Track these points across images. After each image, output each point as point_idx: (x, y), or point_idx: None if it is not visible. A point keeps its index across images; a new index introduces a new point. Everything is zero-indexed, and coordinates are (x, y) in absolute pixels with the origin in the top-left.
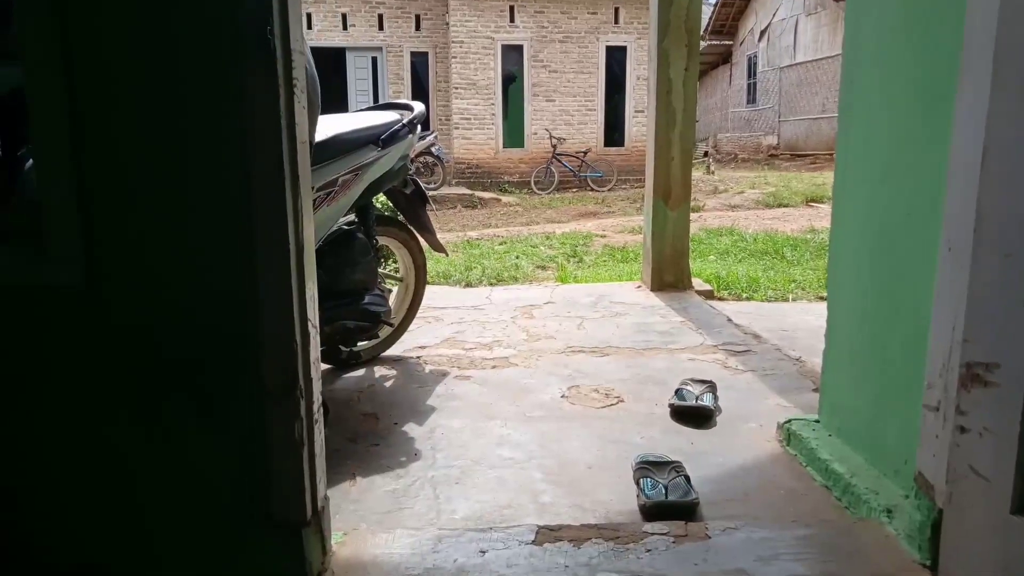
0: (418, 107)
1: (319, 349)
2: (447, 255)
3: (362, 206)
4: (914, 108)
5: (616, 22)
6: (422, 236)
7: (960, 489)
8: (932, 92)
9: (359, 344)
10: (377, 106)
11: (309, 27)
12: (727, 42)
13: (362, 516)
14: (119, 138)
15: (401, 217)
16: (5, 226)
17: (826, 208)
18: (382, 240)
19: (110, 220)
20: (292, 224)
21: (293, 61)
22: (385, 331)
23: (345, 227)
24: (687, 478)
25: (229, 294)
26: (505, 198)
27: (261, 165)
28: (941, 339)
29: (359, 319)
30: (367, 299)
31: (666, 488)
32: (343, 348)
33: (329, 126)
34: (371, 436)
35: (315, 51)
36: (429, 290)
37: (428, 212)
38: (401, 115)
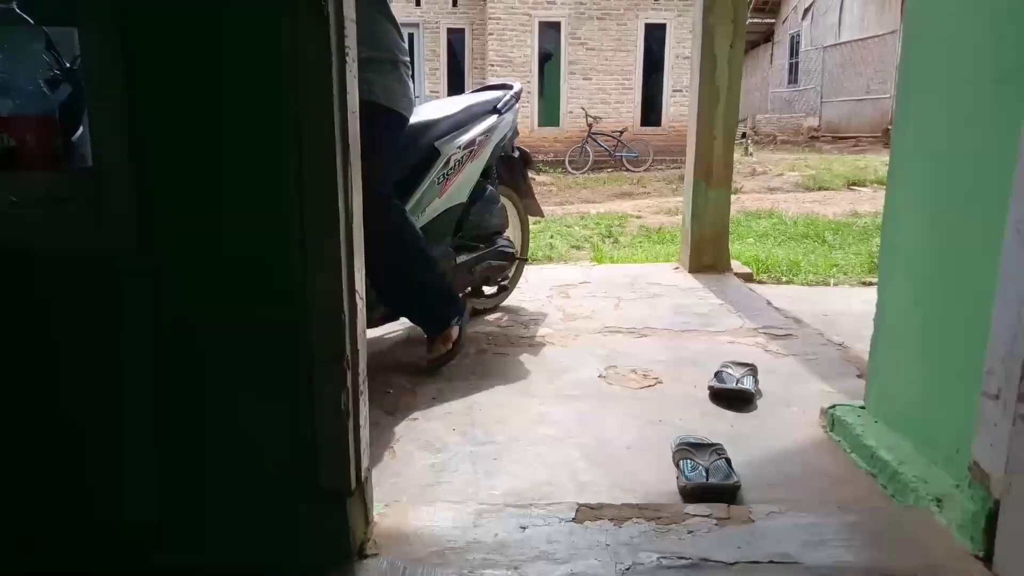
0: (517, 85)
1: (366, 320)
2: (543, 217)
3: (486, 166)
4: (981, 85)
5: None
6: (521, 198)
7: (1020, 480)
8: (1001, 68)
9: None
10: (478, 88)
11: None
12: (769, 20)
13: (402, 489)
14: (171, 102)
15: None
16: (60, 190)
17: (869, 192)
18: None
19: (163, 184)
20: (342, 194)
21: (345, 29)
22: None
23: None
24: (728, 461)
25: (280, 262)
26: (540, 177)
27: (312, 133)
28: (1005, 325)
29: (499, 258)
30: (500, 241)
31: (707, 471)
32: (484, 289)
33: (458, 101)
34: (410, 410)
35: None
36: None
37: (529, 178)
38: (504, 92)
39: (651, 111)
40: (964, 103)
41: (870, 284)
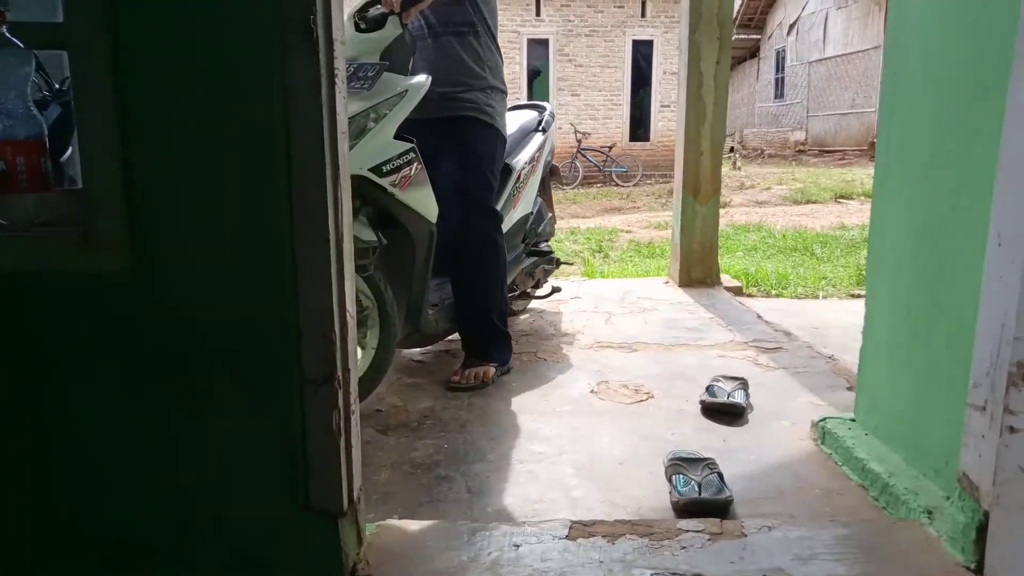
0: (549, 106)
1: (356, 339)
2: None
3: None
4: (962, 98)
5: (643, 16)
6: (548, 209)
7: (1009, 491)
8: (982, 81)
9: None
10: (512, 108)
11: None
12: (755, 36)
13: (394, 508)
14: (163, 125)
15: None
16: (50, 213)
17: (856, 205)
18: None
19: (155, 207)
20: (332, 213)
21: (335, 51)
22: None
23: None
24: (720, 475)
25: (270, 281)
26: None
27: (302, 154)
28: (989, 336)
29: (549, 263)
30: (545, 247)
31: (699, 485)
32: (531, 291)
33: (509, 121)
34: (401, 428)
35: None
36: None
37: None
38: (542, 112)
39: (639, 126)
40: (945, 117)
41: (858, 296)
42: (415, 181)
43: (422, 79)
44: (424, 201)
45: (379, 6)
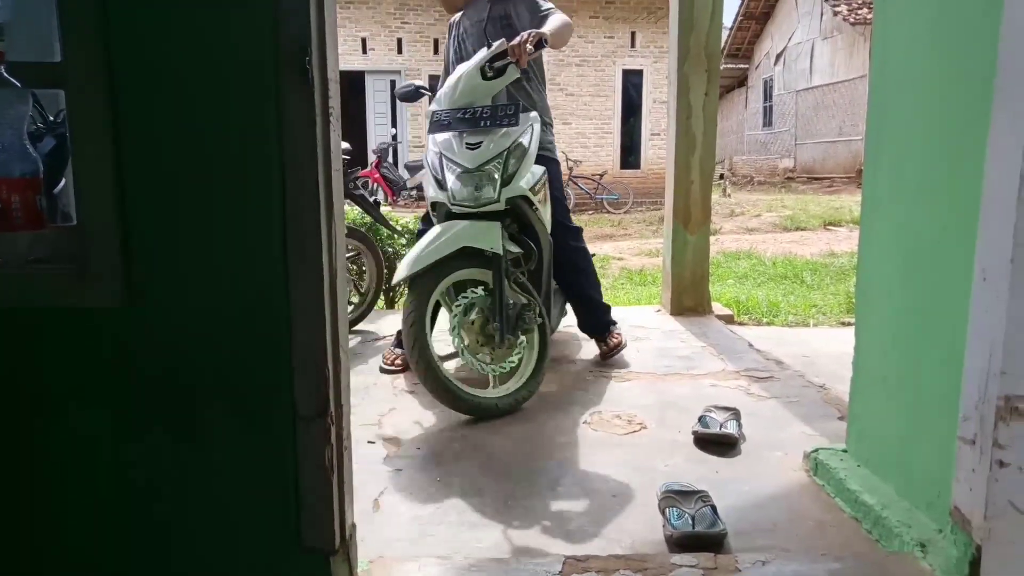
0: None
1: (349, 374)
2: None
3: None
4: (946, 131)
5: (633, 46)
6: None
7: (1000, 526)
8: (965, 113)
9: None
10: None
11: None
12: (743, 65)
13: (387, 543)
14: (158, 163)
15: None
16: (44, 249)
17: (844, 231)
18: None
19: (149, 244)
20: (326, 250)
21: (330, 91)
22: None
23: None
24: (714, 508)
25: (264, 317)
26: None
27: (296, 191)
28: (977, 370)
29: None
30: None
31: (693, 518)
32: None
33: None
34: (393, 461)
35: None
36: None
37: None
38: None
39: (630, 154)
40: (931, 151)
41: (848, 324)
42: (545, 199)
43: (535, 114)
44: (548, 216)
45: (507, 58)
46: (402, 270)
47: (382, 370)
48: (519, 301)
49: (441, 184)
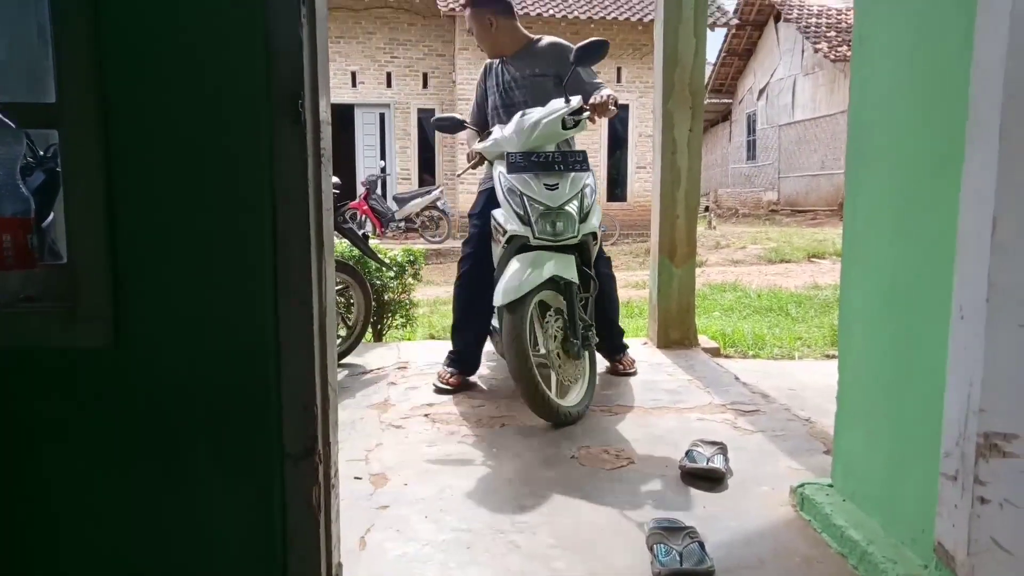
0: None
1: (337, 412)
2: None
3: None
4: (923, 172)
5: (619, 81)
6: None
7: (983, 563)
8: (940, 156)
9: None
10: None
11: None
12: (727, 100)
13: None
14: (150, 203)
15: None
16: (34, 288)
17: (828, 264)
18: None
19: (139, 283)
20: (316, 288)
21: (321, 132)
22: None
23: None
24: (701, 544)
25: (253, 356)
26: None
27: (288, 230)
28: (956, 408)
29: None
30: None
31: (680, 555)
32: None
33: None
34: (380, 498)
35: None
36: (436, 345)
37: None
38: None
39: (616, 187)
40: (908, 190)
41: (832, 357)
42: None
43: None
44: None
45: (587, 112)
46: (507, 296)
47: (437, 390)
48: (587, 323)
49: (523, 219)
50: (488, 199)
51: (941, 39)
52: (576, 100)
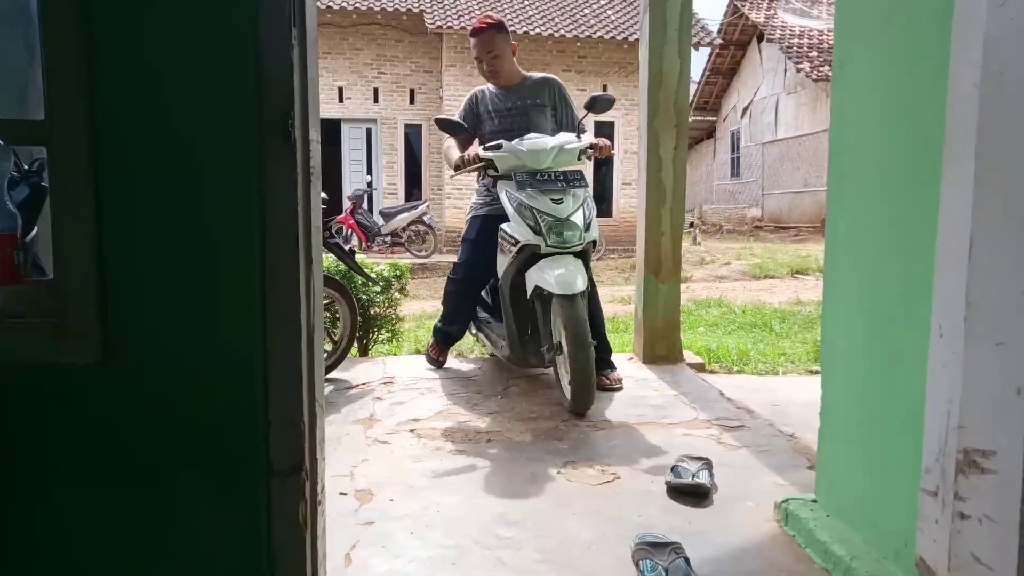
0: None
1: (324, 429)
2: None
3: None
4: (902, 195)
5: None
6: None
7: None
8: (919, 179)
9: None
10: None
11: None
12: (711, 118)
13: None
14: (138, 220)
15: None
16: (20, 304)
17: (811, 280)
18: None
19: (127, 300)
20: (304, 305)
21: (311, 151)
22: None
23: None
24: (687, 560)
25: (242, 373)
26: None
27: (276, 248)
28: (936, 424)
29: None
30: None
31: (666, 571)
32: None
33: None
34: (365, 513)
35: None
36: (422, 360)
37: None
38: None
39: (602, 203)
40: (888, 212)
41: (816, 373)
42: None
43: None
44: None
45: (592, 151)
46: (564, 288)
47: (430, 362)
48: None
49: (535, 230)
50: (483, 225)
51: (918, 65)
52: (588, 139)
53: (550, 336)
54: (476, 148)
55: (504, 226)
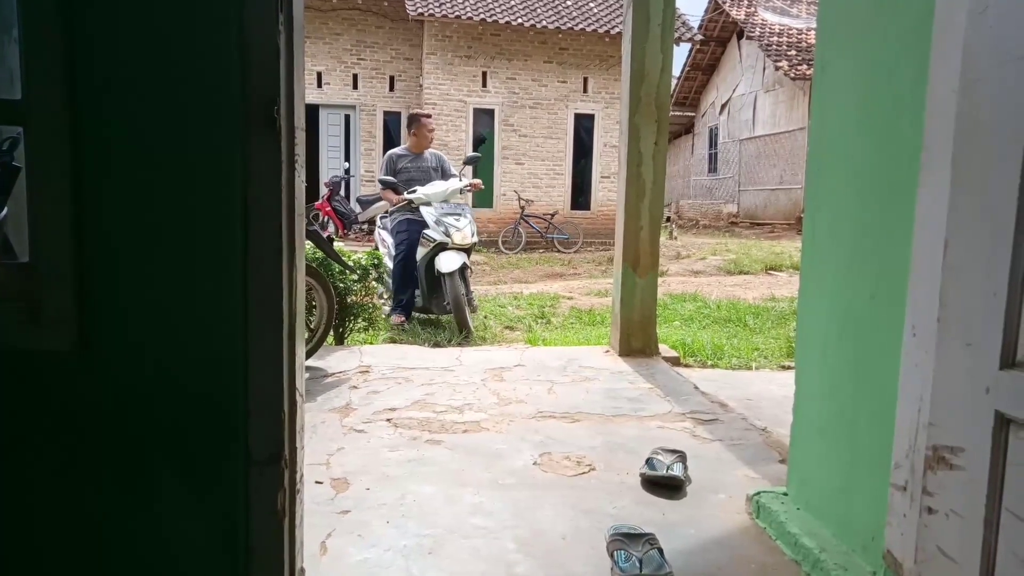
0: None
1: (304, 416)
2: None
3: None
4: (878, 197)
5: (585, 91)
6: None
7: (929, 570)
8: (896, 182)
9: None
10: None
11: None
12: (690, 113)
13: None
14: (119, 204)
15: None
16: None
17: (785, 276)
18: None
19: (105, 285)
20: (287, 295)
21: (296, 139)
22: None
23: None
24: (660, 551)
25: (221, 362)
26: (474, 256)
27: (259, 235)
28: (907, 421)
29: None
30: None
31: (640, 561)
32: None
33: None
34: (341, 502)
35: None
36: (399, 350)
37: None
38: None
39: (580, 195)
40: (864, 214)
41: (788, 368)
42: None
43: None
44: None
45: (469, 187)
46: (451, 266)
47: (396, 326)
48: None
49: (446, 234)
50: (409, 223)
51: (898, 70)
52: (467, 180)
53: (445, 294)
54: (405, 194)
55: (425, 231)
